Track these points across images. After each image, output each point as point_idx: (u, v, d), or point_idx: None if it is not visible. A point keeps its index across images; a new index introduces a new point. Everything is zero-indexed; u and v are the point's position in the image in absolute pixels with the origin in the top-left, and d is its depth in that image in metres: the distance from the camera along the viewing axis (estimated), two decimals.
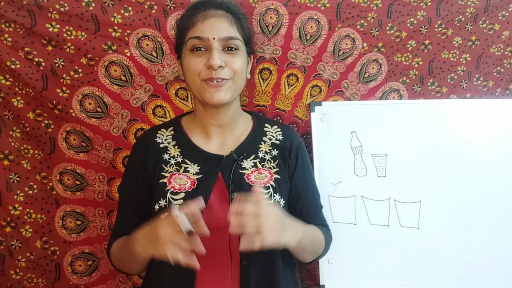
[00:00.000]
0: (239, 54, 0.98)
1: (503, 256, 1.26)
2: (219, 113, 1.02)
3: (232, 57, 0.96)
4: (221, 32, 0.94)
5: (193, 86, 0.97)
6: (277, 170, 1.02)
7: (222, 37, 0.94)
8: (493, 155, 1.27)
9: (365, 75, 1.32)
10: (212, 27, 0.94)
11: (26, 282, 1.23)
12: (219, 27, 0.94)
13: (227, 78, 0.95)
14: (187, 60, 0.97)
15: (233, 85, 0.97)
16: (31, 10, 1.10)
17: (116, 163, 1.25)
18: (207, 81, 0.94)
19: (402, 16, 1.27)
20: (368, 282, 1.26)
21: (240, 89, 1.01)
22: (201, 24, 0.95)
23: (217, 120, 1.03)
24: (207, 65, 0.93)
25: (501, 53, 1.35)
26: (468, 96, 1.38)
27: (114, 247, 1.03)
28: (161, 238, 0.79)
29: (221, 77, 0.94)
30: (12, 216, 1.19)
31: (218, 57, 0.93)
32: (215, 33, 0.94)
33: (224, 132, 1.05)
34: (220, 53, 0.94)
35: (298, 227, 0.94)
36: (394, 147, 1.27)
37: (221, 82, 0.94)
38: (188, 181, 0.97)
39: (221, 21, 0.95)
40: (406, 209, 1.26)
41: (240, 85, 1.00)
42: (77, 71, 1.18)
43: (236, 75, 0.97)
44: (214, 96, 0.95)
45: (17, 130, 1.19)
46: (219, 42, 0.94)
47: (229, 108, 1.02)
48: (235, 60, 0.96)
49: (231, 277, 0.93)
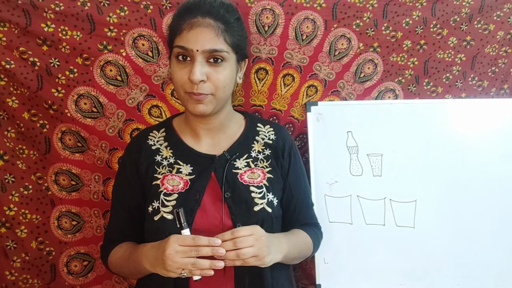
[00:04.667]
0: (224, 65, 0.94)
1: (498, 255, 1.27)
2: (208, 120, 1.02)
3: (215, 71, 0.93)
4: (206, 44, 0.91)
5: (178, 95, 0.97)
6: (270, 170, 1.03)
7: (206, 49, 0.91)
8: (488, 154, 1.28)
9: (361, 75, 1.32)
10: (197, 38, 0.91)
11: (22, 283, 1.23)
12: (204, 39, 0.91)
13: (207, 93, 0.93)
14: (173, 68, 0.96)
15: (214, 99, 0.95)
16: (26, 10, 1.09)
17: (111, 163, 1.24)
18: (189, 95, 0.93)
19: (398, 16, 1.27)
20: (364, 281, 1.26)
21: (224, 100, 0.99)
22: (187, 34, 0.92)
23: (207, 125, 1.03)
24: (189, 79, 0.92)
25: (496, 53, 1.36)
26: (463, 96, 1.39)
27: (115, 255, 1.03)
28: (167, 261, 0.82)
29: (202, 92, 0.92)
30: (7, 217, 1.19)
31: (198, 71, 0.90)
32: (199, 45, 0.91)
33: (216, 134, 1.05)
34: (202, 66, 0.91)
35: (283, 242, 0.96)
36: (389, 146, 1.28)
37: (201, 96, 0.93)
38: (181, 182, 0.97)
39: (207, 33, 0.91)
40: (401, 208, 1.26)
41: (224, 97, 0.97)
42: (73, 71, 1.17)
43: (217, 90, 0.93)
44: (195, 108, 0.94)
45: (12, 130, 1.18)
46: (202, 54, 0.91)
47: (218, 114, 1.02)
48: (218, 74, 0.93)
49: (225, 276, 0.93)
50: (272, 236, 0.94)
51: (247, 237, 0.85)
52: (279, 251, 0.93)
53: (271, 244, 0.90)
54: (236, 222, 0.93)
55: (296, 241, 1.03)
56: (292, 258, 1.01)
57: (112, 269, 1.06)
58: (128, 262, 0.97)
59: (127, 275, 1.04)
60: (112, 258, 1.04)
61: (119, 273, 1.06)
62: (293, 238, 1.03)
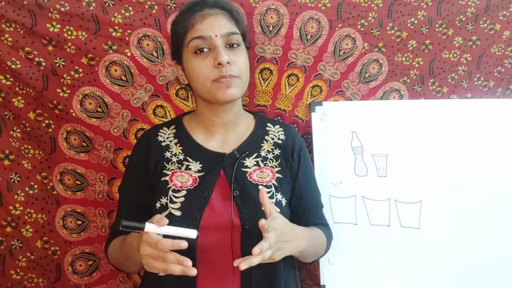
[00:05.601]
0: (241, 50, 0.98)
1: (503, 257, 1.26)
2: (224, 111, 1.02)
3: (235, 55, 0.96)
4: (222, 28, 0.95)
5: (203, 88, 0.97)
6: (279, 170, 1.03)
7: (224, 33, 0.94)
8: (494, 155, 1.27)
9: (366, 75, 1.32)
10: (212, 25, 0.95)
11: (27, 282, 1.23)
12: (219, 24, 0.95)
13: (236, 75, 0.95)
14: (192, 64, 0.97)
15: (241, 82, 0.97)
16: (31, 10, 1.10)
17: (116, 163, 1.24)
18: (218, 81, 0.94)
19: (403, 16, 1.27)
20: (369, 282, 1.26)
21: (246, 85, 1.01)
22: (200, 24, 0.95)
23: (221, 119, 1.03)
24: (215, 64, 0.93)
25: (502, 53, 1.35)
26: (469, 96, 1.38)
27: (112, 247, 1.03)
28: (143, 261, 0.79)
29: (231, 73, 0.94)
30: (13, 216, 1.19)
31: (225, 53, 0.93)
32: (216, 30, 0.94)
33: (227, 131, 1.05)
34: (224, 50, 0.95)
35: (304, 236, 0.95)
36: (394, 147, 1.27)
37: (231, 80, 0.94)
38: (189, 179, 0.98)
39: (220, 18, 0.96)
40: (406, 209, 1.26)
41: (246, 81, 1.00)
42: (78, 71, 1.18)
43: (242, 73, 0.97)
44: (226, 93, 0.95)
45: (17, 130, 1.19)
46: (221, 38, 0.94)
47: (234, 105, 1.03)
48: (239, 58, 0.97)
49: (232, 276, 0.93)
50: (293, 230, 0.92)
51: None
52: (300, 244, 0.92)
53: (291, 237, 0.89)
54: (244, 221, 0.93)
55: (315, 238, 1.03)
56: (308, 254, 1.01)
57: (110, 260, 1.06)
58: (122, 250, 0.97)
59: (125, 266, 1.03)
60: (110, 249, 1.04)
61: (117, 265, 1.04)
62: (312, 234, 1.02)
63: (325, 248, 1.10)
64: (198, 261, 0.91)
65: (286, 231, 0.87)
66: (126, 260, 0.98)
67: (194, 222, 0.92)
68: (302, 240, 0.94)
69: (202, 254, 0.92)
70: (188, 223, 0.91)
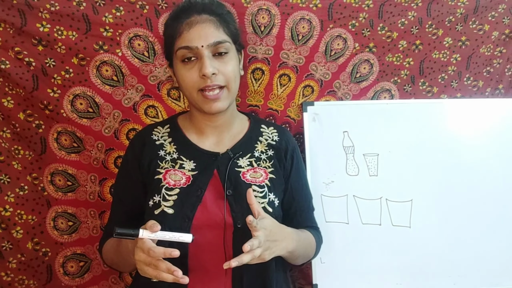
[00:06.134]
0: (230, 57, 0.97)
1: (494, 254, 1.27)
2: (216, 117, 1.02)
3: (223, 63, 0.95)
4: (209, 38, 0.93)
5: (190, 97, 0.98)
6: (272, 170, 1.03)
7: (211, 43, 0.93)
8: (483, 154, 1.29)
9: (357, 75, 1.33)
10: (199, 35, 0.93)
11: (17, 284, 1.22)
12: (206, 34, 0.93)
13: (222, 84, 0.95)
14: (180, 73, 0.97)
15: (228, 93, 0.97)
16: (21, 10, 1.09)
17: (108, 164, 1.24)
18: (204, 93, 0.94)
19: (393, 16, 1.28)
20: (361, 280, 1.27)
21: (235, 93, 1.01)
22: (187, 33, 0.94)
23: (214, 122, 1.04)
24: (200, 75, 0.93)
25: (491, 53, 1.37)
26: (459, 96, 1.39)
27: (107, 247, 1.03)
28: (137, 265, 0.80)
29: (216, 83, 0.94)
30: (3, 217, 1.18)
31: (210, 64, 0.92)
32: (203, 41, 0.93)
33: (221, 132, 1.05)
34: (211, 60, 0.93)
35: (293, 236, 0.96)
36: (385, 146, 1.28)
37: (217, 94, 0.94)
38: (183, 177, 0.98)
39: (207, 27, 0.94)
40: (397, 208, 1.27)
41: (235, 89, 1.00)
42: (68, 71, 1.17)
43: (230, 81, 0.96)
44: (212, 107, 0.95)
45: (7, 131, 1.18)
46: (208, 48, 0.93)
47: (226, 111, 1.02)
48: (227, 66, 0.96)
49: (224, 276, 0.93)
50: (281, 230, 0.92)
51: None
52: (288, 244, 0.92)
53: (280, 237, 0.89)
54: (236, 220, 0.93)
55: (304, 239, 1.03)
56: (297, 256, 1.01)
57: (105, 260, 1.06)
58: (117, 252, 0.97)
59: (120, 267, 1.03)
60: (104, 249, 1.04)
61: (112, 265, 1.05)
62: (301, 235, 1.02)
63: (315, 250, 1.10)
64: (190, 259, 0.91)
65: (275, 231, 0.88)
66: (121, 261, 0.98)
67: (187, 220, 0.92)
68: (291, 240, 0.94)
69: (194, 253, 0.92)
70: (181, 221, 0.91)
